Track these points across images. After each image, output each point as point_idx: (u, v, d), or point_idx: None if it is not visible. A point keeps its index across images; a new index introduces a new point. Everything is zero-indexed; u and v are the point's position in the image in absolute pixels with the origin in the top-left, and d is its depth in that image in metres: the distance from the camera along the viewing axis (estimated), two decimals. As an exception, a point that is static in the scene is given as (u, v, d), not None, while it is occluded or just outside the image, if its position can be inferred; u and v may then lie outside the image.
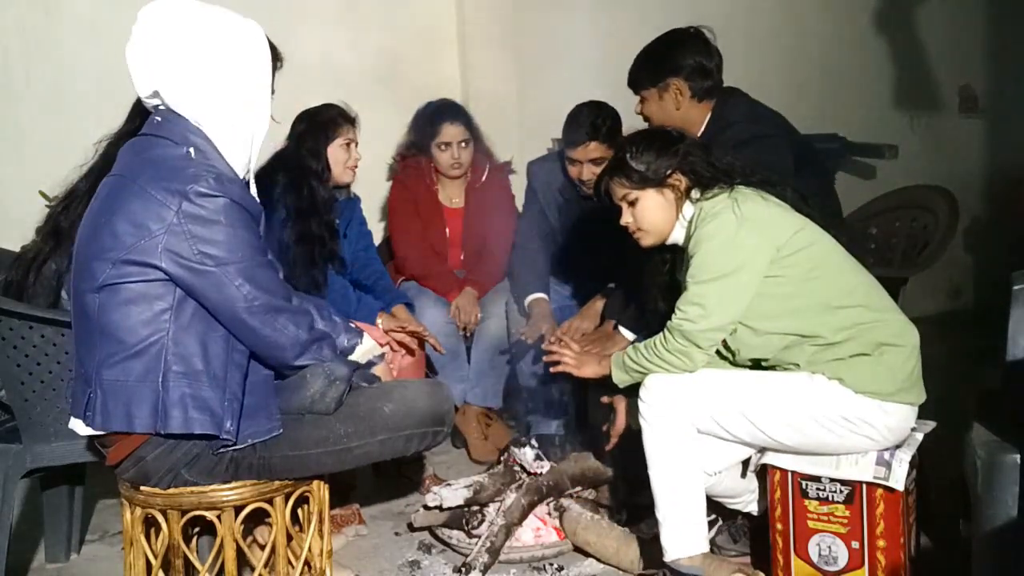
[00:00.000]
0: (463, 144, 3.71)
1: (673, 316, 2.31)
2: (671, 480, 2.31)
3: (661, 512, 2.32)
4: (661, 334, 2.34)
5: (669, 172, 2.36)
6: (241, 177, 2.11)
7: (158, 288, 1.99)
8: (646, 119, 2.96)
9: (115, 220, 1.99)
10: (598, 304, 3.25)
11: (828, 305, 2.26)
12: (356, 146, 3.26)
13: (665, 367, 2.33)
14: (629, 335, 2.97)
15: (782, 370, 2.33)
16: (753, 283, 2.26)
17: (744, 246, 2.25)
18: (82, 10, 3.86)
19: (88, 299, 2.02)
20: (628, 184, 2.39)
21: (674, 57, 2.86)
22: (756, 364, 2.38)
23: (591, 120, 3.23)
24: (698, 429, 2.31)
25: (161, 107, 2.08)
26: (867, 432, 2.25)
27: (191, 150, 2.03)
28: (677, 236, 2.42)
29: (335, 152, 3.20)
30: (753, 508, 2.53)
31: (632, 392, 2.43)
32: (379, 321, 2.88)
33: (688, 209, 2.38)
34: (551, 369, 2.66)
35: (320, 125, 3.19)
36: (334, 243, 3.21)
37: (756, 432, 2.30)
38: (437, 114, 3.74)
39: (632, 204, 2.40)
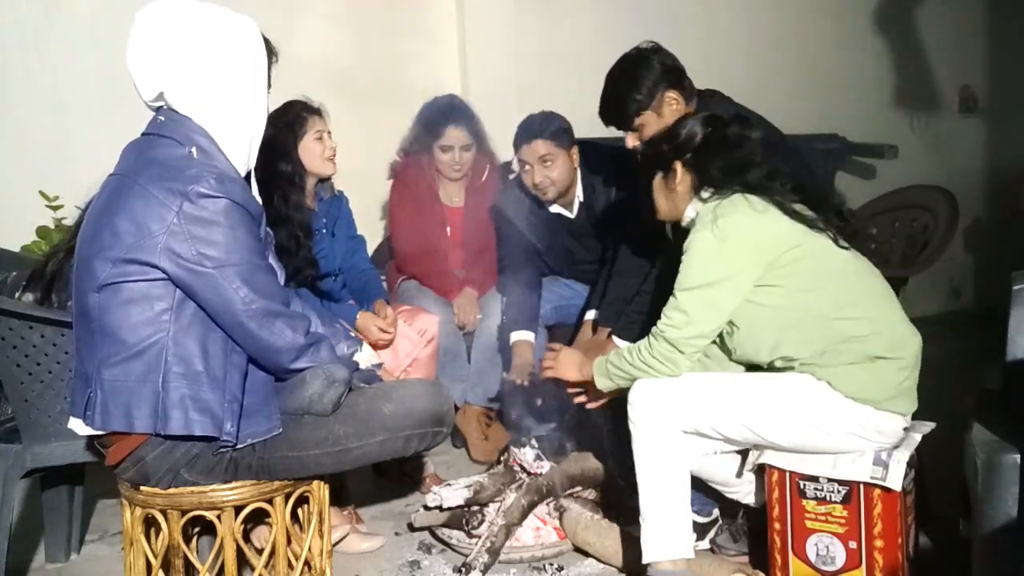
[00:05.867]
0: (465, 148, 3.70)
1: (659, 322, 2.32)
2: (656, 481, 2.30)
3: (644, 512, 2.31)
4: (646, 339, 2.35)
5: (668, 163, 2.41)
6: (242, 175, 2.11)
7: (158, 288, 1.99)
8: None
9: (116, 219, 1.99)
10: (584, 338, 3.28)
11: (825, 317, 2.24)
12: (330, 136, 3.12)
13: (650, 372, 2.33)
14: (624, 345, 2.93)
15: (774, 370, 2.33)
16: (737, 295, 2.26)
17: (729, 259, 2.24)
18: (82, 10, 3.86)
19: (89, 298, 2.02)
20: (641, 168, 2.52)
21: (651, 73, 2.80)
22: (750, 363, 2.38)
23: (537, 121, 3.38)
24: (685, 432, 2.31)
25: (164, 107, 2.09)
26: (859, 432, 2.25)
27: (193, 150, 2.03)
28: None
29: (308, 147, 3.07)
30: (751, 500, 2.53)
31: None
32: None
33: (692, 208, 2.38)
34: (542, 374, 2.70)
35: (286, 125, 3.03)
36: (304, 254, 3.05)
37: (749, 434, 2.31)
38: (442, 115, 3.70)
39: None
